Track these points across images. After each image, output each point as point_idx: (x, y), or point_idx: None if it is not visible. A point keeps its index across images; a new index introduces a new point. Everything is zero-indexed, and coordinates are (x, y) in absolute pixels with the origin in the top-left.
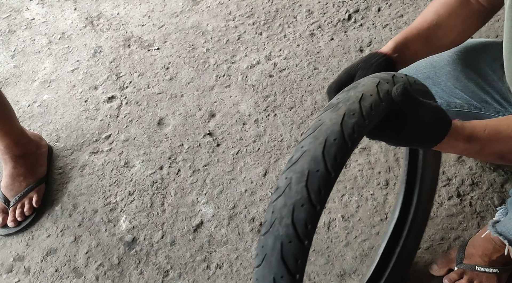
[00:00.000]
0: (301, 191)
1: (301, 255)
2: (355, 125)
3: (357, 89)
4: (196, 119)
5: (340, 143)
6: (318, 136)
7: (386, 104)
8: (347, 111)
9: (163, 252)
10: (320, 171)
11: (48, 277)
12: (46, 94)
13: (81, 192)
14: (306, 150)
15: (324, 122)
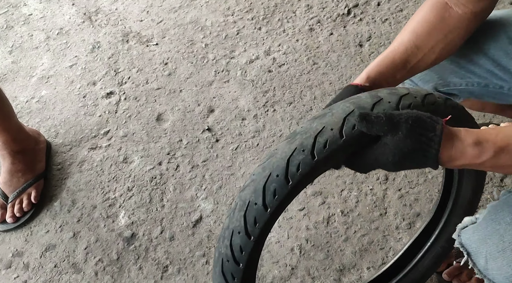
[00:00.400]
0: (240, 219)
1: (237, 274)
2: (301, 163)
3: (322, 119)
4: (195, 115)
5: (281, 181)
6: (266, 168)
7: (346, 141)
8: (298, 146)
9: (162, 247)
10: (257, 204)
11: (47, 273)
12: (44, 90)
13: (79, 188)
14: (254, 179)
15: (276, 154)
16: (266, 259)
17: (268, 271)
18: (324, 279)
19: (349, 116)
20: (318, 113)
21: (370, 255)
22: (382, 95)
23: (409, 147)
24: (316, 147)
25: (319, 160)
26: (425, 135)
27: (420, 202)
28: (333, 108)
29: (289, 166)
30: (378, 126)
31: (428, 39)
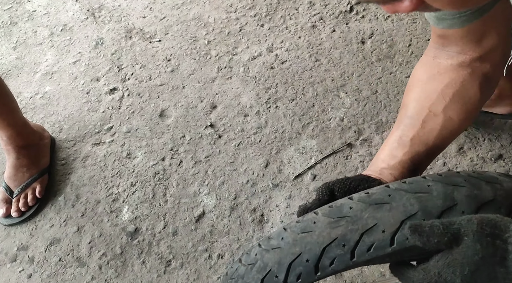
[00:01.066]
0: (256, 281)
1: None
2: (337, 259)
3: (377, 212)
4: (198, 111)
5: (310, 268)
6: (298, 243)
7: (395, 250)
8: (340, 237)
9: (165, 242)
10: (278, 278)
11: (52, 266)
12: (48, 86)
13: (83, 183)
14: (281, 246)
15: (314, 231)
16: None
17: None
18: None
19: (408, 219)
20: (376, 194)
21: None
22: (458, 199)
23: (480, 254)
24: (359, 247)
25: (357, 262)
26: (499, 237)
27: None
28: (393, 199)
29: (323, 257)
30: (435, 238)
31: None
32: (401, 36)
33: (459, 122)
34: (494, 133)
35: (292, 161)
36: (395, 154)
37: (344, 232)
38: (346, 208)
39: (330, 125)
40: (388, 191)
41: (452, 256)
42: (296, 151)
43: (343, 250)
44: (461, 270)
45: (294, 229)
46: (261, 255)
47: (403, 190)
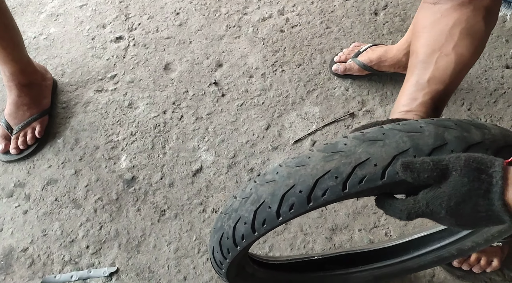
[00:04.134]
0: (250, 213)
1: (232, 251)
2: (329, 190)
3: (370, 148)
4: (203, 68)
5: (302, 198)
6: (291, 176)
7: (385, 184)
8: (333, 169)
9: (161, 192)
10: (271, 209)
11: (48, 205)
12: (53, 28)
13: (83, 128)
14: (276, 179)
15: (308, 164)
16: None
17: None
18: (315, 236)
19: (400, 155)
20: (370, 133)
21: (363, 218)
22: (448, 139)
23: (467, 186)
24: (351, 179)
25: (348, 193)
26: (484, 171)
27: None
28: (387, 137)
29: (315, 188)
30: (425, 174)
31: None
32: (415, 11)
33: (470, 56)
34: (497, 116)
35: (293, 126)
36: (415, 97)
37: (337, 165)
38: (341, 144)
39: (334, 93)
40: (382, 130)
41: (441, 189)
42: (298, 116)
43: (336, 181)
44: (448, 202)
45: (289, 164)
46: (255, 189)
47: (396, 129)
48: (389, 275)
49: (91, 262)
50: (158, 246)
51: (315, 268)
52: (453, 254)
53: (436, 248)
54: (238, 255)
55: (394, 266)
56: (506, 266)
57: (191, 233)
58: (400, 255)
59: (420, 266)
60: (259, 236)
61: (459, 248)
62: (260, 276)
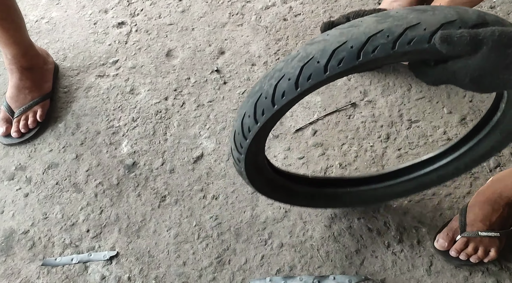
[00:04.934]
0: (296, 68)
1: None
2: (380, 47)
3: (421, 14)
4: (205, 55)
5: (353, 53)
6: (344, 34)
7: (430, 47)
8: (386, 29)
9: (162, 178)
10: (320, 63)
11: (49, 189)
12: (55, 12)
13: (85, 113)
14: (327, 39)
15: (360, 26)
16: (262, 200)
17: (262, 211)
18: (315, 224)
19: (447, 24)
20: (421, 6)
21: (362, 207)
22: (488, 19)
23: (493, 60)
24: (401, 39)
25: (398, 51)
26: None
27: None
28: (437, 9)
29: (367, 44)
30: (460, 47)
31: None
32: None
33: None
34: None
35: (295, 115)
36: None
37: (389, 25)
38: (393, 12)
39: (336, 83)
40: (430, 6)
41: (470, 61)
42: (299, 105)
43: (387, 39)
44: (473, 72)
45: (340, 27)
46: (303, 49)
47: (443, 7)
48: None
49: (91, 246)
50: (158, 231)
51: (332, 186)
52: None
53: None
54: (269, 121)
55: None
56: (503, 256)
57: (191, 219)
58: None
59: (434, 182)
60: (301, 94)
61: (473, 158)
62: (279, 183)
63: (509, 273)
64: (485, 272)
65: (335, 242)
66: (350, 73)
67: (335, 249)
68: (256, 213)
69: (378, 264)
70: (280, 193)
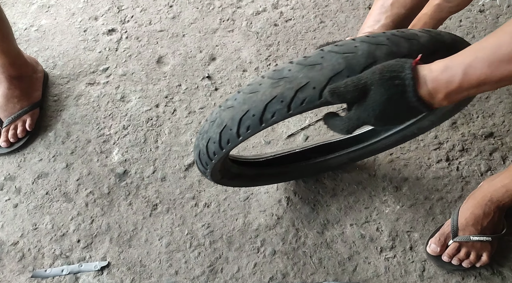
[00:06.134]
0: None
1: (209, 165)
2: (277, 112)
3: (310, 72)
4: (196, 61)
5: (256, 121)
6: (246, 102)
7: (323, 103)
8: (279, 95)
9: (153, 186)
10: (232, 131)
11: (39, 199)
12: (44, 20)
13: (75, 121)
14: (234, 106)
15: (258, 92)
16: (254, 207)
17: (254, 219)
18: (307, 231)
19: (335, 76)
20: (311, 57)
21: (355, 213)
22: (378, 56)
23: (385, 95)
24: (294, 102)
25: (293, 113)
26: (397, 77)
27: (409, 168)
28: (325, 60)
29: (265, 111)
30: (348, 95)
31: None
32: None
33: None
34: (488, 112)
35: (286, 121)
36: (378, 19)
37: (282, 90)
38: (286, 70)
39: None
40: (322, 53)
41: (366, 103)
42: None
43: (282, 105)
44: (373, 112)
45: (245, 91)
46: (219, 114)
47: (333, 52)
48: (362, 156)
49: (82, 256)
50: (150, 240)
51: (297, 159)
52: (414, 132)
53: (399, 129)
54: (214, 167)
55: (366, 148)
56: (495, 261)
57: (183, 227)
58: (370, 139)
59: (388, 145)
60: (227, 152)
61: (419, 127)
62: (248, 173)
63: (501, 277)
64: (477, 277)
65: (327, 249)
66: (261, 131)
67: (328, 256)
68: (248, 220)
69: (371, 270)
70: (243, 179)
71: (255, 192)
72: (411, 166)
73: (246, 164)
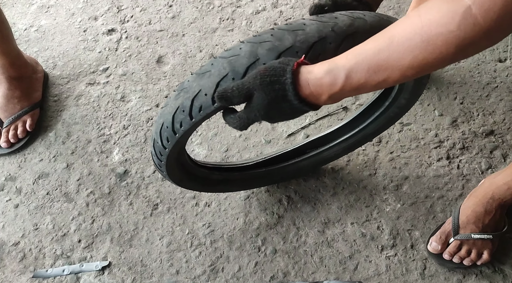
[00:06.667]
0: (157, 133)
1: (163, 154)
2: (182, 122)
3: (201, 80)
4: (196, 61)
5: (170, 131)
6: (161, 116)
7: (217, 108)
8: (180, 105)
9: (154, 186)
10: (160, 142)
11: (39, 199)
12: (44, 20)
13: (75, 121)
14: (157, 120)
15: (167, 105)
16: (255, 206)
17: (255, 218)
18: (308, 230)
19: (222, 81)
20: (204, 66)
21: (355, 211)
22: (260, 54)
23: (266, 99)
24: (193, 110)
25: (196, 121)
26: (277, 82)
27: (410, 166)
28: (213, 67)
29: (174, 122)
30: (235, 99)
31: None
32: (409, 3)
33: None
34: (489, 109)
35: None
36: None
37: (182, 101)
38: (186, 82)
39: None
40: (212, 60)
41: (251, 104)
42: None
43: (184, 114)
44: (259, 112)
45: (162, 106)
46: (157, 119)
47: (221, 57)
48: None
49: (83, 256)
50: (151, 240)
51: (260, 167)
52: (397, 112)
53: (380, 113)
54: (169, 155)
55: (338, 145)
56: (496, 259)
57: (183, 227)
58: (341, 137)
59: (377, 130)
60: (176, 144)
61: (398, 106)
62: (201, 175)
63: (502, 275)
64: (478, 275)
65: (328, 247)
66: (187, 136)
67: (329, 255)
68: (249, 220)
69: (372, 269)
70: (206, 183)
71: (256, 191)
72: (412, 164)
73: (214, 169)
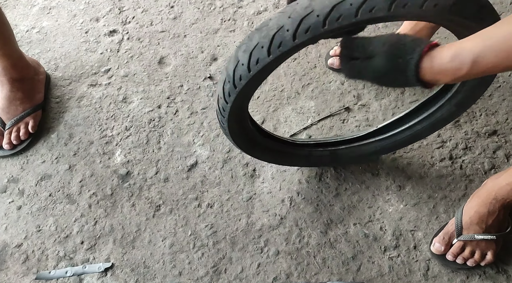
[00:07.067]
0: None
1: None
2: (259, 59)
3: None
4: (198, 62)
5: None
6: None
7: (327, 31)
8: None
9: (156, 187)
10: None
11: (42, 201)
12: (46, 21)
13: (77, 123)
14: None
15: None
16: (257, 208)
17: (257, 219)
18: (311, 231)
19: (338, 5)
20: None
21: (358, 212)
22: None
23: (385, 68)
24: (300, 29)
25: (298, 43)
26: (403, 58)
27: (412, 167)
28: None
29: (251, 59)
30: (355, 53)
31: None
32: None
33: None
34: (491, 109)
35: (289, 120)
36: None
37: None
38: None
39: (330, 87)
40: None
41: (369, 64)
42: (293, 111)
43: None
44: (372, 74)
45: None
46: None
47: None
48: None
49: (86, 258)
50: (153, 241)
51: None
52: (453, 110)
53: (435, 109)
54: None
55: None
56: (500, 259)
57: (186, 228)
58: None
59: (425, 132)
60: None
61: (456, 102)
62: (268, 146)
63: (506, 276)
64: (482, 276)
65: (331, 248)
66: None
67: (332, 256)
68: (251, 221)
69: (375, 269)
70: (266, 152)
71: (258, 192)
72: (414, 165)
73: (272, 138)
